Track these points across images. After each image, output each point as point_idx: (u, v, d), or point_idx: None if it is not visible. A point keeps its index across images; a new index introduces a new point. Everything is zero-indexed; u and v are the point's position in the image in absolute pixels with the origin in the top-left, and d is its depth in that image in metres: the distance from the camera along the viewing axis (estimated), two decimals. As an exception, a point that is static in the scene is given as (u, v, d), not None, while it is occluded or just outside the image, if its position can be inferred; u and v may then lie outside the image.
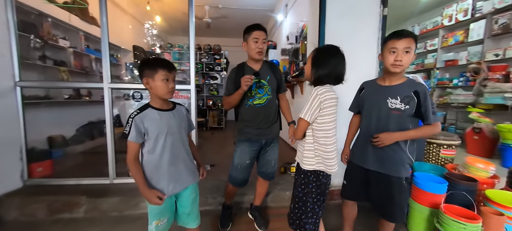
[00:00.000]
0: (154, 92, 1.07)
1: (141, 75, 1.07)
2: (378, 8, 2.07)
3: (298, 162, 1.20)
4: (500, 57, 3.41)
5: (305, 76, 1.20)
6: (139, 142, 1.03)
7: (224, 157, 3.30)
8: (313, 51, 1.13)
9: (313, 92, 1.06)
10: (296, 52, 3.03)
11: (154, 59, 1.11)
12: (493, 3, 3.51)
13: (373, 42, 2.10)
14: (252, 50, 1.46)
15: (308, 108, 1.06)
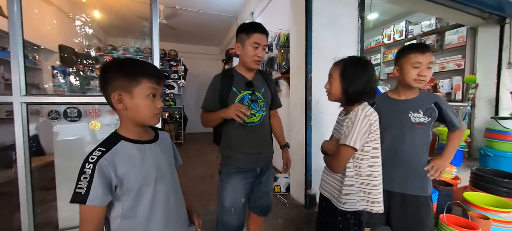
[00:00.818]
0: (130, 116, 0.67)
1: (107, 87, 0.65)
2: (356, 21, 2.11)
3: (331, 199, 0.97)
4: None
5: (332, 95, 0.99)
6: (105, 204, 0.60)
7: (192, 181, 2.81)
8: (340, 66, 0.95)
9: (358, 113, 0.89)
10: (271, 61, 2.88)
11: (133, 62, 0.69)
12: (421, 27, 4.25)
13: (354, 53, 2.12)
14: (249, 58, 1.15)
15: (357, 132, 0.86)
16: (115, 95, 0.64)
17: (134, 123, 0.69)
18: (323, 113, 2.00)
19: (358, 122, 0.87)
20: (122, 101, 0.65)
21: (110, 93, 0.65)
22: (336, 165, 0.94)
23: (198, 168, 3.39)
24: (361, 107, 0.90)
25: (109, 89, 0.65)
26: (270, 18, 3.18)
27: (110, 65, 0.67)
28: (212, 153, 4.16)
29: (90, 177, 0.58)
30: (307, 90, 1.91)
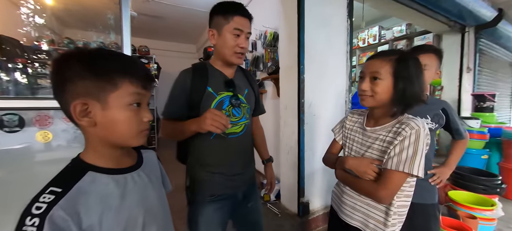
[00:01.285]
0: (102, 134, 0.46)
1: (63, 92, 0.44)
2: (345, 22, 2.07)
3: (364, 229, 0.80)
4: (400, 74, 4.40)
5: (374, 99, 0.76)
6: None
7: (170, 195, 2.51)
8: (391, 61, 0.74)
9: (411, 126, 0.70)
10: (256, 61, 2.73)
11: (107, 54, 0.47)
12: (393, 32, 4.51)
13: (343, 54, 2.09)
14: (228, 49, 0.87)
15: (418, 156, 0.69)
16: (77, 104, 0.42)
17: (107, 144, 0.48)
18: (316, 117, 1.92)
19: (417, 142, 0.69)
20: (88, 114, 0.43)
21: (68, 102, 0.43)
22: (384, 195, 0.72)
23: (176, 177, 3.05)
24: (417, 121, 0.72)
25: (66, 96, 0.43)
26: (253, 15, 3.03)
27: (69, 58, 0.44)
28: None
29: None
30: (299, 93, 1.80)
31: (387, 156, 0.73)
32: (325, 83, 1.98)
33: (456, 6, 2.78)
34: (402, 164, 0.69)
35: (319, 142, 1.96)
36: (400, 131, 0.72)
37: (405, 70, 0.72)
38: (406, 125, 0.72)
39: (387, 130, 0.77)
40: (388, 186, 0.71)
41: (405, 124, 0.72)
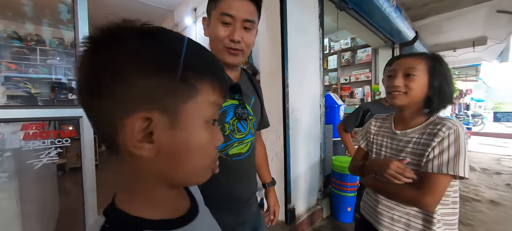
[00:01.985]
0: (165, 168, 0.29)
1: (111, 95, 0.25)
2: (317, 30, 2.20)
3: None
4: (347, 81, 5.03)
5: (409, 96, 0.74)
6: None
7: None
8: (426, 58, 0.74)
9: (449, 126, 0.68)
10: (229, 65, 2.58)
11: (178, 38, 0.29)
12: (340, 44, 5.14)
13: (317, 61, 2.20)
14: (216, 42, 0.67)
15: (461, 156, 0.66)
16: (137, 119, 0.25)
17: (164, 184, 0.31)
18: (297, 121, 1.95)
19: (463, 142, 0.67)
20: (149, 134, 0.26)
21: (116, 115, 0.25)
22: (430, 201, 0.68)
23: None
24: (452, 121, 0.70)
25: (113, 104, 0.25)
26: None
27: (119, 38, 0.26)
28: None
29: None
30: (284, 98, 1.79)
31: (425, 159, 0.70)
32: (305, 88, 2.04)
33: (390, 25, 3.37)
34: (444, 166, 0.67)
35: (301, 146, 1.99)
36: (436, 132, 0.70)
37: (442, 68, 0.73)
38: (442, 125, 0.70)
39: (420, 132, 0.75)
40: (433, 191, 0.68)
41: (441, 124, 0.70)
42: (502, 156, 5.40)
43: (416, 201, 0.71)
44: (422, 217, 0.74)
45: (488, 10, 3.99)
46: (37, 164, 0.97)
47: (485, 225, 2.32)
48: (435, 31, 5.08)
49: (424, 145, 0.72)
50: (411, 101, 0.75)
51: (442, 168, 0.68)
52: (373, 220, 0.85)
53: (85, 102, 0.26)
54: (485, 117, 11.97)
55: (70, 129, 1.08)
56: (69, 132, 1.07)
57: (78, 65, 0.26)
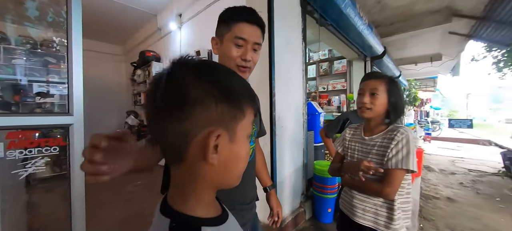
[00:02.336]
0: (220, 174, 0.37)
1: (191, 115, 0.32)
2: (301, 45, 2.37)
3: (375, 227, 0.93)
4: (325, 89, 5.35)
5: (373, 111, 0.95)
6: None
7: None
8: (385, 80, 0.95)
9: (402, 132, 0.89)
10: (216, 72, 2.63)
11: (232, 75, 0.38)
12: (319, 55, 5.47)
13: (300, 72, 2.36)
14: (229, 60, 0.75)
15: (409, 153, 0.85)
16: (213, 136, 0.32)
17: (214, 188, 0.38)
18: (283, 128, 2.06)
19: (408, 144, 0.87)
20: (216, 148, 0.33)
21: (196, 132, 0.32)
22: (389, 191, 0.87)
23: (113, 208, 2.46)
24: (404, 128, 0.91)
25: (190, 124, 0.32)
26: (207, 27, 2.95)
27: (197, 71, 0.34)
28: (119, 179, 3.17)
29: None
30: (272, 106, 1.89)
31: (386, 158, 0.89)
32: (290, 97, 2.17)
33: (363, 40, 3.72)
34: (399, 162, 0.86)
35: (286, 151, 2.11)
36: (393, 137, 0.90)
37: (396, 88, 0.95)
38: (397, 131, 0.91)
39: (382, 137, 0.95)
40: (392, 183, 0.87)
41: (396, 131, 0.91)
42: (456, 158, 6.14)
43: (380, 192, 0.90)
44: (387, 206, 0.92)
45: (442, 31, 4.60)
46: (22, 174, 0.93)
47: (444, 219, 2.64)
48: (400, 47, 5.68)
49: (385, 147, 0.92)
50: (375, 114, 0.96)
51: (398, 164, 0.87)
52: (350, 213, 1.01)
53: (159, 123, 0.33)
54: (442, 123, 13.41)
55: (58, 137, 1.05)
56: (58, 140, 1.04)
57: (150, 95, 0.32)
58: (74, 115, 1.05)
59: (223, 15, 0.79)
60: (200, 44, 2.96)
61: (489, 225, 2.53)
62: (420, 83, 12.19)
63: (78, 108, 1.06)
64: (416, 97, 11.59)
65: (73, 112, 1.05)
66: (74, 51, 1.07)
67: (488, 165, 5.11)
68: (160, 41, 4.14)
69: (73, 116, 1.05)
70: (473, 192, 3.59)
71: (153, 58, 3.99)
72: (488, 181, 4.02)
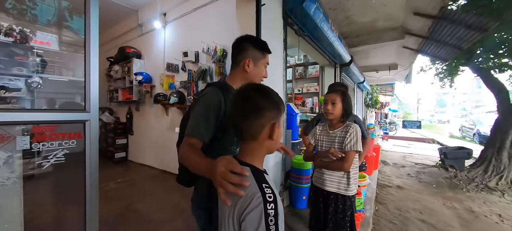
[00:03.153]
0: (273, 145, 0.67)
1: (263, 116, 0.63)
2: (282, 52, 2.68)
3: (338, 191, 1.34)
4: (300, 92, 5.82)
5: (334, 115, 1.37)
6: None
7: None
8: (340, 93, 1.36)
9: (352, 127, 1.31)
10: (203, 73, 2.77)
11: (270, 89, 0.66)
12: (295, 59, 5.92)
13: (281, 77, 2.67)
14: (259, 78, 1.08)
15: (357, 140, 1.27)
16: (272, 125, 0.62)
17: (267, 153, 0.67)
18: (266, 126, 2.34)
19: (355, 133, 1.31)
20: (273, 131, 0.63)
21: (264, 124, 0.61)
22: (347, 166, 1.31)
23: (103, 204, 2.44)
24: (350, 123, 1.34)
25: (263, 120, 0.61)
26: (194, 29, 3.08)
27: (261, 95, 0.63)
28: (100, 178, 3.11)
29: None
30: (257, 107, 2.15)
31: (344, 145, 1.32)
32: (272, 99, 2.46)
33: (334, 50, 4.21)
34: (352, 146, 1.30)
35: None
36: (348, 130, 1.34)
37: (347, 98, 1.37)
38: (349, 126, 1.35)
39: (341, 130, 1.36)
40: (348, 160, 1.31)
41: (349, 126, 1.35)
42: (407, 154, 7.17)
43: (341, 167, 1.32)
44: (345, 176, 1.34)
45: (398, 45, 5.39)
46: (45, 164, 1.04)
47: (394, 203, 3.21)
48: (365, 57, 6.43)
49: (343, 137, 1.33)
50: (335, 117, 1.39)
51: (351, 147, 1.29)
52: (320, 184, 1.42)
53: (245, 119, 0.60)
54: (397, 124, 15.17)
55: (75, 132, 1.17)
56: (76, 134, 1.16)
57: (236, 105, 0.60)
58: (90, 112, 1.17)
59: (258, 45, 1.07)
60: (187, 46, 3.07)
61: (426, 205, 3.17)
62: (380, 88, 13.70)
63: (94, 105, 1.17)
64: (377, 100, 12.98)
65: (89, 109, 1.16)
66: (91, 50, 1.16)
67: (430, 159, 6.12)
68: (141, 38, 4.09)
69: (90, 112, 1.17)
70: (417, 180, 4.35)
71: (134, 55, 3.93)
72: (429, 172, 4.88)
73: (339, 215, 1.36)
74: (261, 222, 0.52)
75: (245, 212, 0.54)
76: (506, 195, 3.61)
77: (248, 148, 0.64)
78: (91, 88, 1.18)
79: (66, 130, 1.16)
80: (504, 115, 4.32)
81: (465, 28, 3.60)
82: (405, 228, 2.53)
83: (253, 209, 0.53)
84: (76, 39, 1.75)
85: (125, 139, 4.49)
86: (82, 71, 1.71)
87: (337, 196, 1.37)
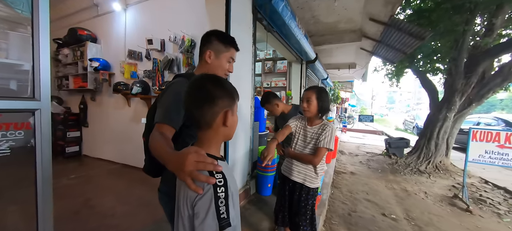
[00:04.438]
0: (228, 132, 0.72)
1: (216, 104, 0.66)
2: (251, 46, 2.75)
3: (303, 182, 1.46)
4: (269, 86, 6.00)
5: (311, 112, 1.45)
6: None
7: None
8: (315, 91, 1.44)
9: (329, 126, 1.40)
10: (170, 63, 2.65)
11: (226, 80, 0.70)
12: (264, 53, 6.05)
13: (250, 71, 2.75)
14: (221, 70, 1.09)
15: (331, 139, 1.38)
16: (226, 113, 0.66)
17: (223, 140, 0.73)
18: (235, 118, 2.40)
19: (330, 132, 1.40)
20: (227, 119, 0.67)
21: (218, 111, 0.65)
22: (317, 161, 1.40)
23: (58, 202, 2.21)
24: (327, 122, 1.43)
25: (216, 108, 0.65)
26: (160, 16, 2.93)
27: (215, 84, 0.66)
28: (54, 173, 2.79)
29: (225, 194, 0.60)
30: (226, 99, 2.20)
31: (318, 141, 1.41)
32: (240, 91, 2.51)
33: (300, 47, 4.45)
34: (326, 144, 1.39)
35: (238, 137, 2.48)
36: (324, 128, 1.43)
37: (322, 96, 1.45)
38: (326, 125, 1.44)
39: (317, 127, 1.47)
40: (319, 156, 1.41)
41: (326, 124, 1.45)
42: (361, 144, 8.06)
43: (312, 161, 1.42)
44: (313, 170, 1.46)
45: (356, 46, 5.94)
46: (-15, 157, 0.94)
47: (347, 186, 3.65)
48: (328, 55, 6.92)
49: (319, 134, 1.43)
50: (311, 114, 1.47)
51: (324, 145, 1.39)
52: (288, 174, 1.52)
53: (198, 108, 0.63)
54: (355, 118, 16.76)
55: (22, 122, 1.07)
56: (23, 124, 1.06)
57: (191, 95, 0.62)
58: (41, 100, 1.07)
59: (222, 38, 1.09)
60: (152, 33, 2.90)
61: (372, 187, 3.68)
62: (341, 85, 14.92)
63: (46, 92, 1.08)
64: (338, 96, 14.10)
65: (39, 97, 1.07)
66: (41, 28, 1.05)
67: (379, 148, 7.02)
68: (96, 20, 3.69)
69: (40, 101, 1.07)
70: (367, 167, 4.97)
71: (88, 37, 3.53)
72: (376, 159, 5.61)
73: (301, 203, 1.49)
74: (211, 205, 0.56)
75: (196, 197, 0.58)
76: (432, 176, 4.41)
77: (204, 136, 0.68)
78: (41, 74, 1.08)
79: (11, 120, 1.05)
80: (434, 111, 5.20)
81: (408, 35, 4.17)
82: (354, 207, 2.92)
83: (204, 195, 0.57)
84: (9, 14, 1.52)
85: (78, 131, 4.05)
86: (17, 52, 1.52)
87: (302, 186, 1.48)
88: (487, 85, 4.51)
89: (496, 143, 3.00)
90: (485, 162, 3.06)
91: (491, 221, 2.76)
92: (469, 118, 8.28)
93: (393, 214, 2.79)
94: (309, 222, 1.50)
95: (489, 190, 3.75)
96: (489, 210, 3.05)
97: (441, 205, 3.15)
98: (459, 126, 5.09)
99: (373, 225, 2.49)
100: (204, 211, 0.57)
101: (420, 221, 2.67)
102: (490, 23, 4.21)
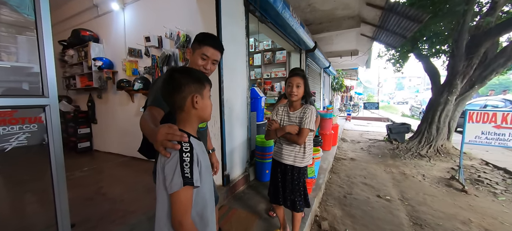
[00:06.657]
0: (200, 114, 0.83)
1: (183, 90, 0.78)
2: (244, 39, 2.83)
3: (293, 163, 1.57)
4: (269, 77, 6.06)
5: (298, 96, 1.54)
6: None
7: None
8: (302, 77, 1.54)
9: (309, 108, 1.51)
10: (167, 59, 2.78)
11: (195, 69, 0.84)
12: (263, 45, 6.08)
13: (244, 62, 2.84)
14: (194, 65, 1.16)
15: (313, 120, 1.49)
16: (194, 97, 0.78)
17: (198, 120, 0.83)
18: (230, 109, 2.53)
19: (311, 113, 1.51)
20: (197, 102, 0.79)
21: (186, 97, 0.77)
22: (301, 140, 1.51)
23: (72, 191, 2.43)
24: (308, 105, 1.55)
25: (184, 93, 0.77)
26: (156, 14, 3.03)
27: (183, 73, 0.78)
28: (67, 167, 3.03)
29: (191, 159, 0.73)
30: (220, 92, 2.32)
31: (302, 123, 1.52)
32: (235, 83, 2.63)
33: (298, 36, 4.47)
34: (307, 124, 1.50)
35: (233, 128, 2.60)
36: (305, 111, 1.53)
37: (307, 82, 1.56)
38: (307, 108, 1.54)
39: (300, 111, 1.57)
40: (302, 136, 1.51)
41: (307, 107, 1.55)
42: (364, 132, 8.07)
43: (297, 141, 1.53)
44: (302, 151, 1.57)
45: (356, 32, 5.88)
46: (7, 147, 1.10)
47: (345, 172, 3.75)
48: (328, 43, 6.87)
49: (301, 117, 1.54)
50: (298, 98, 1.57)
51: (306, 125, 1.50)
52: (279, 158, 1.64)
53: (170, 95, 0.76)
54: (360, 106, 16.57)
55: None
56: (36, 119, 1.21)
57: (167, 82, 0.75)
58: (49, 97, 1.22)
59: (198, 37, 1.18)
60: (149, 30, 3.02)
61: (370, 172, 3.77)
62: (346, 73, 14.71)
63: (53, 89, 1.22)
64: (342, 84, 13.95)
65: (48, 94, 1.22)
66: (44, 30, 1.17)
67: (381, 135, 7.02)
68: (97, 20, 3.83)
69: (48, 97, 1.22)
70: (367, 153, 5.04)
71: (90, 38, 3.69)
72: (377, 145, 5.65)
73: (294, 182, 1.60)
74: (177, 167, 0.69)
75: (165, 161, 0.72)
76: (432, 160, 4.44)
77: (179, 117, 0.81)
78: (48, 72, 1.22)
79: (26, 114, 1.20)
80: (435, 95, 5.15)
81: (406, 19, 4.12)
82: (350, 190, 3.03)
83: (171, 159, 0.71)
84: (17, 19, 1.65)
85: (88, 128, 4.29)
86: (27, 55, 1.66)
87: (292, 168, 1.59)
88: (489, 66, 4.42)
89: (493, 123, 3.01)
90: (481, 143, 3.09)
91: (485, 200, 2.82)
92: (476, 101, 8.11)
93: (388, 195, 2.89)
94: (303, 197, 1.64)
95: (489, 171, 3.76)
96: (486, 190, 3.10)
97: (437, 186, 3.22)
98: (461, 109, 5.03)
99: (367, 206, 2.61)
100: (171, 171, 0.70)
101: (414, 201, 2.76)
102: (493, 1, 4.09)
